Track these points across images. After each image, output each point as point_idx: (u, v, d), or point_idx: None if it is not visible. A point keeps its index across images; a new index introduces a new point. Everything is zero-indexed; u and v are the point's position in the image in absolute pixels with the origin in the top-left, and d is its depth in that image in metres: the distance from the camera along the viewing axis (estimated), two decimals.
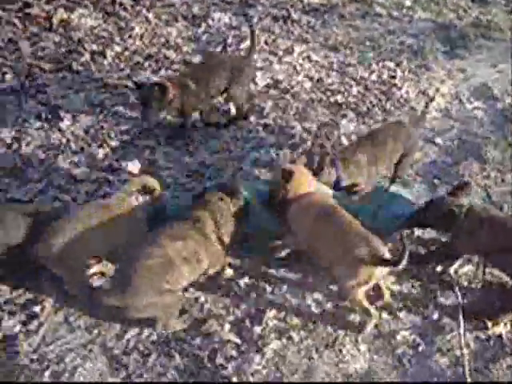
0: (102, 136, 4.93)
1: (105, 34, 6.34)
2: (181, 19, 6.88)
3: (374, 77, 6.20)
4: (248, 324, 3.53)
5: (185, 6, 7.13)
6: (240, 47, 6.35)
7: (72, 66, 5.76)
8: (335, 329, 3.53)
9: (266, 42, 6.60)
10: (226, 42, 6.46)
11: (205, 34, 6.62)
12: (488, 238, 3.57)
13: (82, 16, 6.49)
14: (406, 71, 6.35)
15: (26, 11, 6.39)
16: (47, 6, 6.47)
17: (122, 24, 6.55)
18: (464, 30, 7.36)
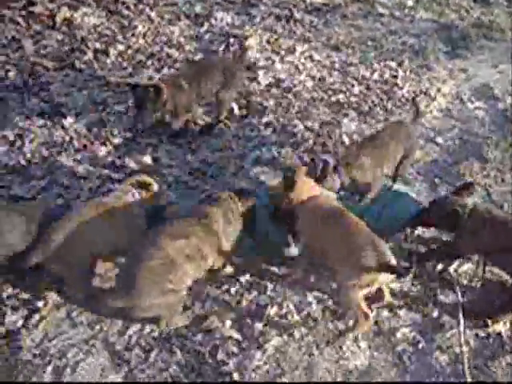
0: (105, 134, 4.94)
1: (108, 32, 6.36)
2: (183, 18, 6.89)
3: (375, 76, 6.22)
4: (249, 321, 3.55)
5: (187, 4, 7.15)
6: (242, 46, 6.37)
7: (75, 64, 5.77)
8: (336, 326, 3.55)
9: (268, 42, 6.61)
10: (228, 41, 6.47)
11: (207, 33, 6.63)
12: (490, 238, 3.59)
13: (85, 14, 6.51)
14: (407, 71, 6.37)
15: (29, 9, 6.41)
16: (50, 5, 6.50)
17: (125, 23, 6.56)
18: (466, 30, 7.37)
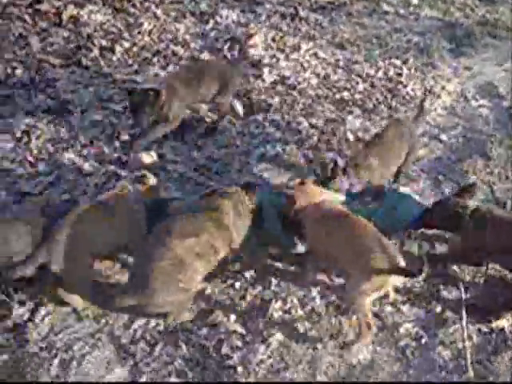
0: (111, 130, 4.97)
1: (114, 29, 6.38)
2: (189, 16, 6.91)
3: (380, 74, 6.24)
4: (253, 315, 3.58)
5: (193, 2, 7.16)
6: (248, 44, 6.39)
7: (81, 61, 5.79)
8: (339, 320, 3.58)
9: (273, 39, 6.63)
10: (233, 39, 6.48)
11: (213, 31, 6.65)
12: (492, 238, 3.60)
13: (92, 12, 6.53)
14: (412, 69, 6.38)
15: (36, 7, 6.42)
16: (57, 2, 6.51)
17: (131, 20, 6.58)
18: (470, 28, 7.37)
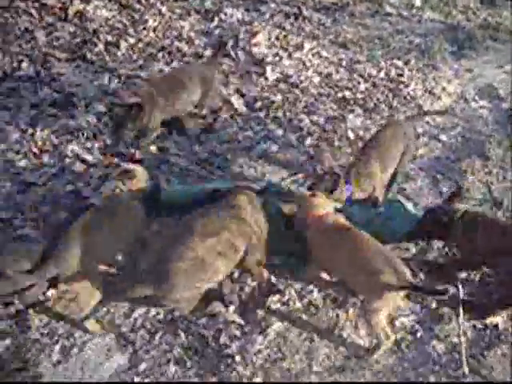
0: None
1: (119, 25, 6.44)
2: (193, 13, 6.98)
3: (381, 74, 6.31)
4: (252, 307, 3.62)
5: (198, 0, 7.23)
6: (251, 42, 6.46)
7: (86, 55, 5.85)
8: (337, 313, 3.63)
9: (277, 38, 6.71)
10: (237, 36, 6.55)
11: (217, 29, 6.72)
12: (482, 241, 3.62)
13: (97, 7, 6.59)
14: (413, 70, 6.46)
15: (42, 2, 6.47)
16: None
17: (136, 16, 6.65)
18: (472, 31, 7.45)
